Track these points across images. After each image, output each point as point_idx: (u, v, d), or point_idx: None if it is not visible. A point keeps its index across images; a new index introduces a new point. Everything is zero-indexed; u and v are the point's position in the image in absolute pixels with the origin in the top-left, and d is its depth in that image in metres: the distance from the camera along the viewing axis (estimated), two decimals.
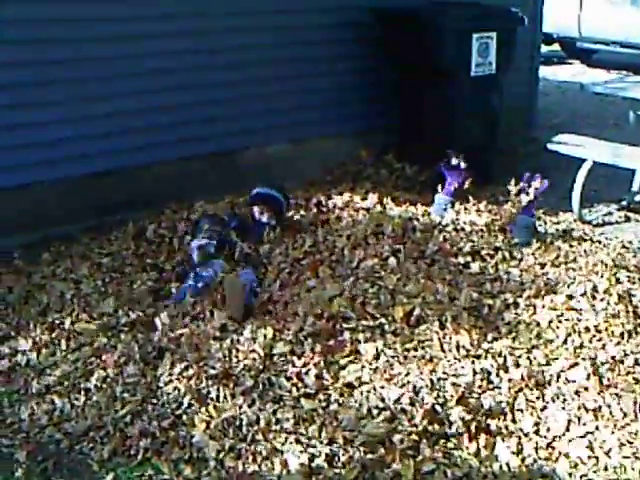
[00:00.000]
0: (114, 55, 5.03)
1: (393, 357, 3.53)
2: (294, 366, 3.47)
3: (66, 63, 4.86)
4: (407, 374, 3.42)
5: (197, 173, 5.41)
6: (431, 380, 3.37)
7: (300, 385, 3.37)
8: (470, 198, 5.26)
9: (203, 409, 3.26)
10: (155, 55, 5.20)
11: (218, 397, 3.31)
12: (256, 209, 4.81)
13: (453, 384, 3.36)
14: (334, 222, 4.92)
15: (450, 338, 3.64)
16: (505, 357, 3.55)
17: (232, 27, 5.51)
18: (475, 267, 4.35)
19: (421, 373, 3.42)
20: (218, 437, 3.12)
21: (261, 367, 3.45)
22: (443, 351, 3.57)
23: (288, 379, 3.39)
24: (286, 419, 3.19)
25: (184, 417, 3.24)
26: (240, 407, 3.25)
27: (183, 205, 5.12)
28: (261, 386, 3.36)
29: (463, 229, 4.85)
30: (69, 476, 3.03)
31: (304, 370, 3.44)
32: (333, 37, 6.02)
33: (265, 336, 3.63)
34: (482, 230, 4.82)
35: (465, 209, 5.17)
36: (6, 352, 3.74)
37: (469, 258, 4.45)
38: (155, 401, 3.34)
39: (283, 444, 3.08)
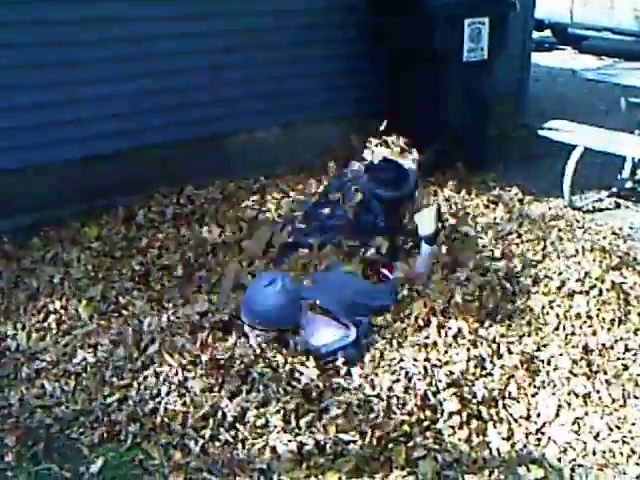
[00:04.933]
0: (99, 39, 4.96)
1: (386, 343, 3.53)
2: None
3: (51, 46, 4.79)
4: (401, 360, 3.42)
5: (186, 158, 5.37)
6: (424, 367, 3.37)
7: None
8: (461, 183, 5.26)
9: (188, 398, 3.23)
10: (139, 39, 5.13)
11: (205, 388, 3.28)
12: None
13: (448, 372, 3.36)
14: None
15: (444, 324, 3.64)
16: (498, 344, 3.55)
17: (219, 11, 5.46)
18: None
19: (415, 360, 3.42)
20: (199, 428, 3.09)
21: (252, 357, 3.44)
22: (440, 336, 3.57)
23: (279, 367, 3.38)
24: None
25: (169, 405, 3.22)
26: (229, 397, 3.22)
27: (173, 190, 5.10)
28: (250, 376, 3.33)
29: None
30: (59, 461, 3.01)
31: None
32: (323, 21, 5.97)
33: None
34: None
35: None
36: None
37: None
38: (142, 387, 3.32)
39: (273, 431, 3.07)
